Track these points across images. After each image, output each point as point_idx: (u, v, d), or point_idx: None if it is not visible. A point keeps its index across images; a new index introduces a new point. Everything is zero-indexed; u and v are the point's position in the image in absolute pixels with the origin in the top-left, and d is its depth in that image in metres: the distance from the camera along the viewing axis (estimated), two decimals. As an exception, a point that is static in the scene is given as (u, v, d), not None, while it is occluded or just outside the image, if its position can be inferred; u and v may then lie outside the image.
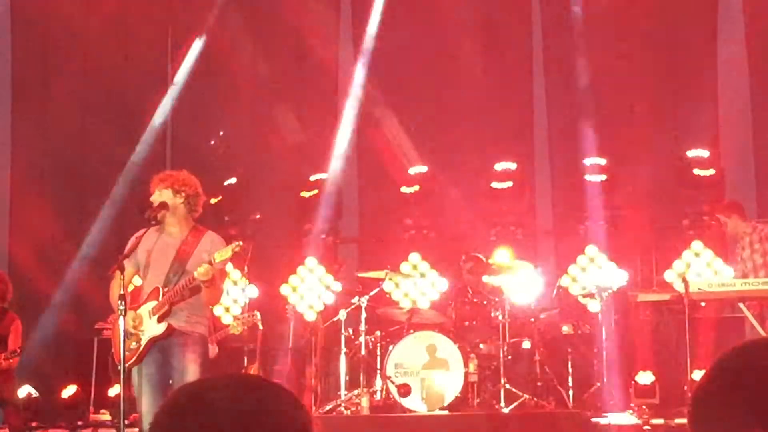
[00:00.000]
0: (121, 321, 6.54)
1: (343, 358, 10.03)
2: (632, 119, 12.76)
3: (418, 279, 12.33)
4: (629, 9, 12.92)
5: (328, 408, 9.89)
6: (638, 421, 9.49)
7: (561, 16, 13.16)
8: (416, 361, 9.73)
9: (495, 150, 12.79)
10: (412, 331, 9.96)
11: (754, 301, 9.70)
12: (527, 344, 10.25)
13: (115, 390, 10.52)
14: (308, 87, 13.62)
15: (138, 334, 6.92)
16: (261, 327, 10.21)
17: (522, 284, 11.03)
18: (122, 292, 6.54)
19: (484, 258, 11.08)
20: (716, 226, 11.13)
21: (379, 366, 9.75)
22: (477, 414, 9.58)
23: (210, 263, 6.64)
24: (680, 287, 9.99)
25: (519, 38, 13.32)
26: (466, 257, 11.04)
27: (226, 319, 11.76)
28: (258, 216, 12.91)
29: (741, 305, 9.80)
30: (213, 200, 12.30)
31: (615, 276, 11.87)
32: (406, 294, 12.38)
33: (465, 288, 10.85)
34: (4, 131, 13.49)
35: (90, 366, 11.47)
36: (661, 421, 9.48)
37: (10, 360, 9.50)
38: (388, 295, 11.97)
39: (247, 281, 11.35)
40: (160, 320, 6.88)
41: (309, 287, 12.60)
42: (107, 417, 11.12)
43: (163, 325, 6.88)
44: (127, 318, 6.74)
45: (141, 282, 7.30)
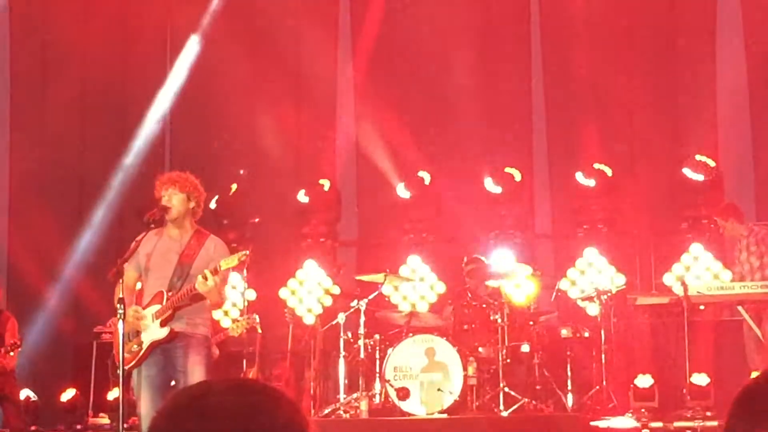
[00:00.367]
0: (121, 324, 6.53)
1: (342, 362, 10.03)
2: (631, 123, 12.77)
3: (417, 282, 12.33)
4: (628, 15, 12.94)
5: (327, 411, 9.89)
6: (637, 424, 9.49)
7: (560, 21, 13.18)
8: (415, 365, 9.73)
9: (494, 154, 12.80)
10: (411, 335, 9.96)
11: (752, 304, 9.73)
12: (526, 348, 10.24)
13: (114, 394, 10.52)
14: (307, 90, 13.62)
15: (139, 337, 6.92)
16: (260, 330, 10.20)
17: (521, 287, 11.05)
18: (121, 296, 6.53)
19: (486, 260, 11.10)
20: (715, 230, 11.16)
21: (378, 369, 9.74)
22: (476, 417, 9.58)
23: (214, 272, 6.63)
24: (679, 290, 10.03)
25: (518, 43, 13.33)
26: (468, 259, 11.05)
27: (225, 323, 11.75)
28: (257, 220, 12.91)
29: (740, 308, 9.83)
30: (212, 204, 12.35)
31: (614, 279, 11.89)
32: (405, 297, 12.38)
33: (464, 291, 10.85)
34: (3, 135, 13.49)
35: (89, 370, 11.45)
36: (660, 425, 9.49)
37: (11, 352, 9.51)
38: (387, 299, 11.97)
39: (246, 285, 11.35)
40: (163, 324, 6.87)
41: (308, 291, 12.60)
42: (106, 421, 11.10)
43: (166, 330, 6.85)
44: (129, 311, 6.73)
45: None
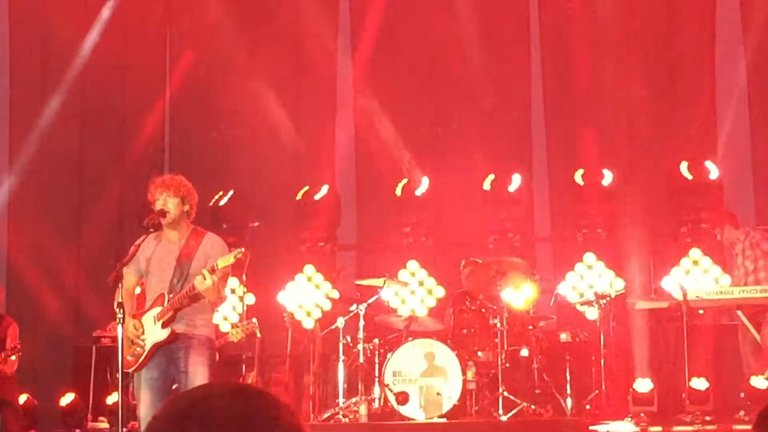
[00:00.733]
0: (120, 328, 6.54)
1: (341, 366, 10.02)
2: (630, 127, 12.77)
3: (416, 286, 12.32)
4: (628, 19, 12.94)
5: (327, 416, 9.88)
6: (636, 429, 9.48)
7: (560, 25, 13.19)
8: (414, 369, 9.73)
9: (493, 157, 12.80)
10: (411, 339, 9.96)
11: (751, 309, 9.73)
12: (525, 352, 10.24)
13: (114, 398, 10.51)
14: (306, 94, 13.63)
15: (141, 341, 6.92)
16: (259, 335, 10.20)
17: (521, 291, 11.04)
18: (120, 300, 6.54)
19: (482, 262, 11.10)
20: (714, 234, 11.15)
21: (378, 374, 9.74)
22: (475, 422, 9.58)
23: (212, 270, 6.65)
24: (678, 295, 10.02)
25: (517, 46, 13.33)
26: (466, 262, 11.05)
27: (225, 327, 11.76)
28: (256, 224, 12.91)
29: (739, 312, 9.83)
30: (211, 203, 12.36)
31: (613, 283, 11.89)
32: (404, 301, 12.37)
33: (463, 295, 10.84)
34: (2, 138, 13.49)
35: (88, 374, 11.45)
36: (660, 429, 9.47)
37: (11, 357, 9.51)
38: (387, 303, 11.96)
39: (245, 289, 11.34)
40: (164, 326, 6.88)
41: (307, 295, 12.60)
42: (105, 425, 11.10)
43: (167, 331, 6.88)
44: (129, 326, 6.75)
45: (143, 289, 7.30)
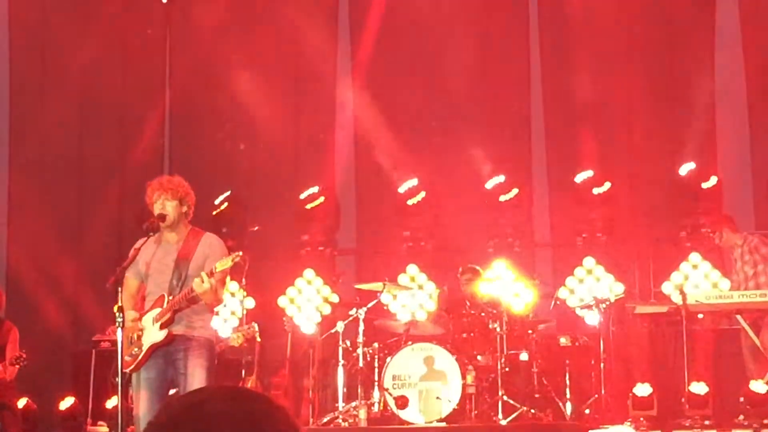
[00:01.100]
0: (120, 332, 6.54)
1: (341, 370, 10.01)
2: (630, 131, 12.78)
3: (416, 291, 12.32)
4: (627, 23, 12.96)
5: (326, 420, 9.88)
6: (636, 433, 9.49)
7: (560, 30, 13.20)
8: (414, 373, 9.73)
9: (492, 162, 12.80)
10: (410, 343, 9.96)
11: (751, 313, 9.73)
12: (525, 356, 10.24)
13: (113, 402, 10.50)
14: (305, 98, 13.64)
15: (140, 341, 6.94)
16: (259, 339, 10.21)
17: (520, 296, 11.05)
18: (120, 304, 6.54)
19: (481, 269, 11.10)
20: (713, 238, 11.16)
21: (377, 378, 9.74)
22: (475, 426, 9.58)
23: (210, 274, 6.66)
24: (678, 299, 10.03)
25: (516, 51, 13.34)
26: (463, 269, 11.06)
27: (224, 332, 11.75)
28: (256, 228, 12.91)
29: (738, 317, 9.83)
30: (214, 212, 12.36)
31: (612, 288, 11.89)
32: (404, 306, 12.37)
33: (463, 300, 10.85)
34: (2, 145, 13.49)
35: (88, 378, 11.43)
36: (659, 433, 9.48)
37: (16, 365, 9.51)
38: (386, 307, 11.96)
39: (245, 293, 11.34)
40: (162, 327, 6.89)
41: (307, 299, 12.59)
42: (105, 429, 11.08)
43: (163, 333, 6.88)
44: (127, 316, 6.74)
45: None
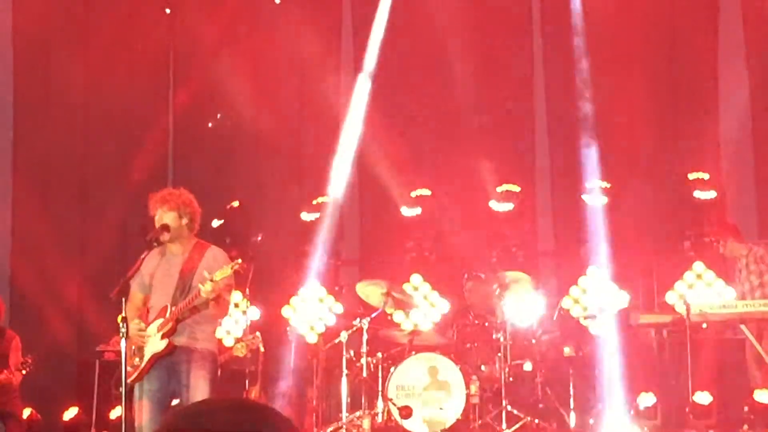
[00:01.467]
0: (123, 343, 6.54)
1: (345, 380, 9.99)
2: (633, 141, 12.77)
3: (421, 300, 12.31)
4: (630, 32, 12.96)
5: (330, 430, 9.87)
6: (640, 443, 9.47)
7: (562, 39, 13.21)
8: (418, 383, 9.72)
9: (496, 171, 12.81)
10: (414, 353, 9.95)
11: (755, 323, 9.71)
12: (529, 366, 10.22)
13: (117, 412, 10.50)
14: (309, 109, 13.66)
15: (142, 351, 6.94)
16: (262, 349, 10.21)
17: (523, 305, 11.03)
18: (124, 315, 6.55)
19: (485, 276, 11.10)
20: (717, 248, 11.14)
21: (381, 388, 9.72)
22: (478, 436, 9.57)
23: (212, 281, 6.66)
24: (682, 309, 10.00)
25: (520, 61, 13.36)
26: (468, 277, 11.06)
27: (228, 342, 11.75)
28: (259, 238, 12.91)
29: (742, 327, 9.81)
30: (215, 223, 12.36)
31: (616, 298, 11.88)
32: (408, 316, 12.36)
33: (467, 309, 10.84)
34: (6, 155, 13.51)
35: (92, 388, 11.43)
36: (663, 443, 9.46)
37: (23, 371, 9.51)
38: (390, 317, 11.95)
39: (249, 303, 11.35)
40: (164, 337, 6.90)
41: (310, 309, 12.59)
42: (108, 439, 11.09)
43: (164, 342, 6.90)
44: (131, 325, 6.75)
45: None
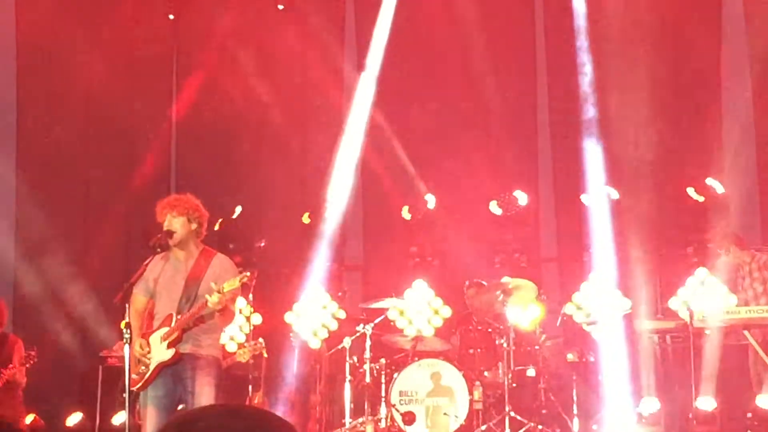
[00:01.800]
0: (127, 349, 6.55)
1: (348, 386, 10.00)
2: (637, 147, 12.77)
3: (424, 306, 12.31)
4: (634, 38, 12.96)
5: (333, 436, 9.89)
6: (643, 449, 9.46)
7: (565, 44, 13.21)
8: (421, 389, 9.72)
9: (499, 177, 12.81)
10: (417, 359, 9.96)
11: (758, 329, 9.70)
12: (532, 372, 10.23)
13: (120, 418, 10.50)
14: (312, 114, 13.67)
15: (147, 360, 6.94)
16: (265, 355, 10.21)
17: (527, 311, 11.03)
18: (128, 320, 6.55)
19: (487, 284, 11.10)
20: (720, 255, 11.13)
21: (384, 394, 9.73)
22: (482, 442, 9.56)
23: (219, 291, 6.66)
24: (685, 315, 10.00)
25: (523, 66, 13.37)
26: (469, 283, 11.06)
27: (231, 347, 11.75)
28: (263, 243, 12.91)
29: (746, 333, 9.80)
30: (216, 226, 12.37)
31: (619, 304, 11.87)
32: (411, 321, 12.36)
33: (470, 315, 10.85)
34: (9, 160, 13.53)
35: (95, 394, 11.43)
36: (667, 449, 9.45)
37: (26, 364, 9.53)
38: (393, 323, 11.96)
39: (252, 309, 11.35)
40: (170, 346, 6.89)
41: (313, 315, 12.59)
42: (112, 445, 11.09)
43: (171, 351, 6.89)
44: (136, 346, 6.76)
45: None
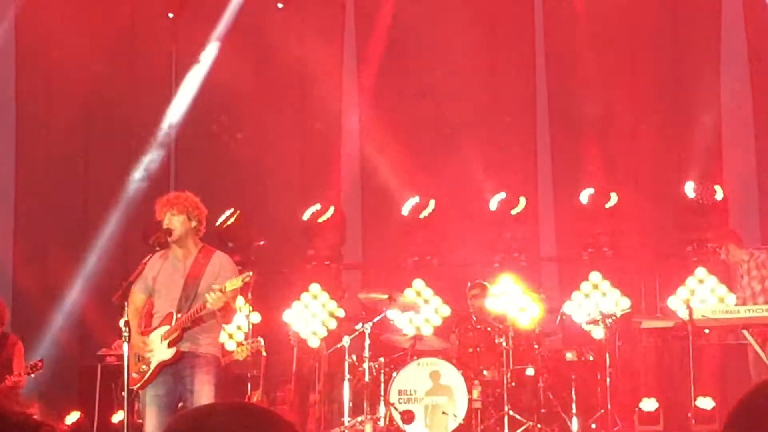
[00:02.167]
0: (126, 347, 6.55)
1: (347, 385, 9.99)
2: (636, 146, 12.78)
3: (422, 305, 12.31)
4: (633, 39, 12.97)
5: (332, 434, 9.88)
6: (642, 448, 9.46)
7: (564, 45, 13.21)
8: (420, 388, 9.72)
9: (498, 177, 12.80)
10: (416, 358, 9.95)
11: (758, 328, 9.70)
12: (531, 371, 10.22)
13: (119, 417, 10.50)
14: (312, 114, 13.66)
15: (147, 358, 6.93)
16: (264, 353, 10.20)
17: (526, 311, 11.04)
18: (126, 318, 6.55)
19: (489, 285, 11.10)
20: (718, 253, 11.14)
21: (383, 392, 9.73)
22: (481, 441, 9.56)
23: (221, 291, 6.65)
24: (684, 314, 10.00)
25: (522, 65, 13.37)
26: (472, 284, 11.05)
27: (230, 346, 11.74)
28: (262, 242, 12.91)
29: (745, 332, 9.80)
30: (217, 223, 12.37)
31: (619, 302, 11.87)
32: (410, 320, 12.35)
33: (469, 315, 10.84)
34: (8, 157, 13.52)
35: (94, 392, 11.44)
36: (666, 448, 9.46)
37: (32, 373, 9.54)
38: (392, 322, 11.95)
39: (251, 308, 11.35)
40: (171, 345, 6.89)
41: (312, 313, 12.59)
42: (110, 443, 11.09)
43: (172, 350, 6.88)
44: (137, 342, 6.75)
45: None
